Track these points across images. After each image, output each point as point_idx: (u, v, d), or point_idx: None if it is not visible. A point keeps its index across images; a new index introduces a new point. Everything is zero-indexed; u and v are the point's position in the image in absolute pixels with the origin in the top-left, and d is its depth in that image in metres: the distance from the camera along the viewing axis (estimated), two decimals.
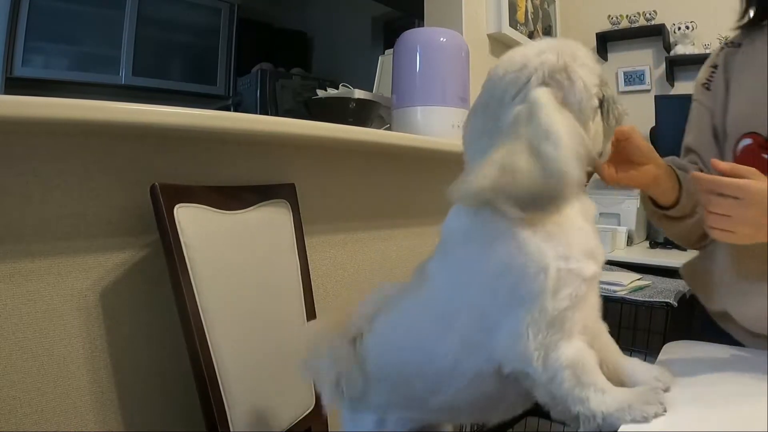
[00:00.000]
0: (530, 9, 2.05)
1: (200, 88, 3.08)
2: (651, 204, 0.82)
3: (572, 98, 0.55)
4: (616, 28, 2.34)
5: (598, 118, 0.58)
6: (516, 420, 1.79)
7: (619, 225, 1.94)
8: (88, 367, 0.84)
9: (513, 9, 1.92)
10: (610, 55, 2.43)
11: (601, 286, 1.38)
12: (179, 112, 0.81)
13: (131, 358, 0.89)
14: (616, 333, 1.73)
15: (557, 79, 0.55)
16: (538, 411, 0.58)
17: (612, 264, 1.67)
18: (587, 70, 0.56)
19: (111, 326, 0.87)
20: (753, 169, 0.64)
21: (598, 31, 2.37)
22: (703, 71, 0.91)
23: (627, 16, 2.31)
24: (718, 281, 0.83)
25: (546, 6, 2.20)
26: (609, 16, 2.36)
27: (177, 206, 0.83)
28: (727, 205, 0.62)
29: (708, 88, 0.88)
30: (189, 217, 0.84)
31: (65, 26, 2.56)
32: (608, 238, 1.77)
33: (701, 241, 0.87)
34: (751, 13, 0.84)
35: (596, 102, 0.57)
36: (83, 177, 0.83)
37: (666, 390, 0.58)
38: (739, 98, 0.82)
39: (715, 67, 0.88)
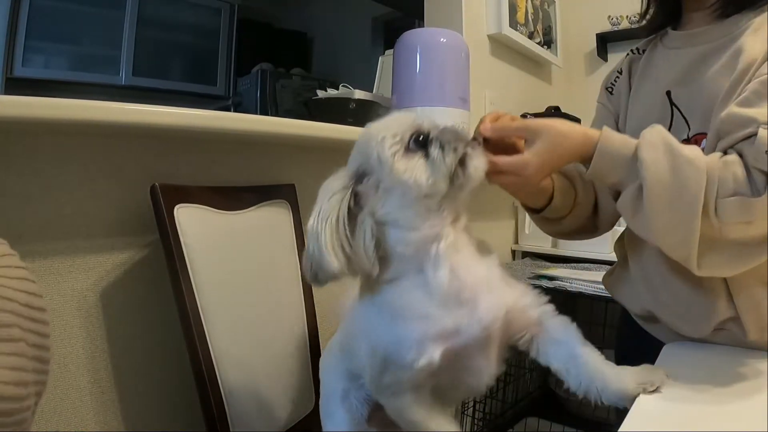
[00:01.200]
0: (530, 10, 2.05)
1: (200, 89, 3.08)
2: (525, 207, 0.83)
3: (371, 158, 0.62)
4: (616, 28, 2.34)
5: (417, 157, 0.60)
6: (516, 420, 1.79)
7: (618, 225, 1.94)
8: (88, 367, 0.84)
9: (513, 10, 1.92)
10: (610, 56, 2.43)
11: (601, 286, 1.38)
12: (179, 112, 0.81)
13: (131, 358, 0.89)
14: (616, 333, 1.71)
15: (358, 153, 0.64)
16: (538, 411, 0.59)
17: (610, 264, 1.66)
18: (384, 124, 0.63)
19: (111, 326, 0.87)
20: (531, 127, 0.66)
21: (598, 31, 2.37)
22: (609, 75, 0.91)
23: (627, 16, 2.31)
24: (636, 287, 0.82)
25: (546, 7, 2.20)
26: (609, 16, 2.36)
27: (177, 206, 0.83)
28: (508, 179, 0.66)
29: (611, 92, 0.88)
30: (189, 217, 0.84)
31: (65, 26, 2.57)
32: (608, 238, 1.77)
33: (574, 234, 0.89)
34: (648, 15, 0.84)
35: (398, 147, 0.60)
36: (83, 177, 0.83)
37: (656, 390, 0.58)
38: (636, 106, 0.82)
39: (620, 72, 0.88)
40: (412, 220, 0.60)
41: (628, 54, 0.89)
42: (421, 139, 0.61)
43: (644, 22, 0.85)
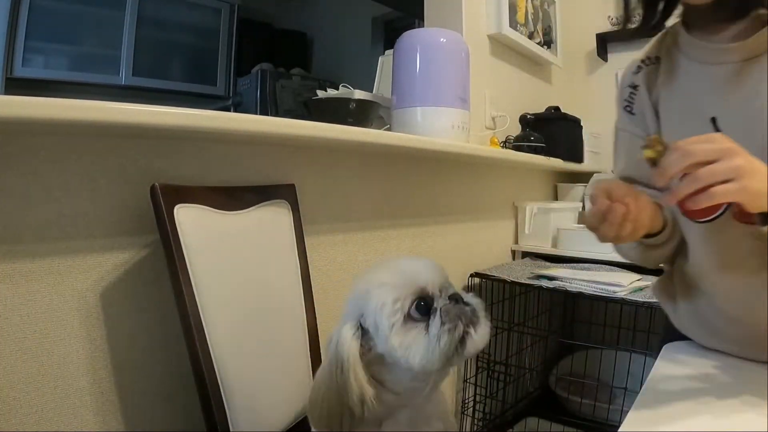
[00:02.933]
0: (530, 10, 2.05)
1: (200, 89, 3.08)
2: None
3: (370, 316, 0.61)
4: (616, 28, 2.34)
5: (417, 330, 0.60)
6: (516, 420, 1.79)
7: None
8: (88, 367, 0.84)
9: (513, 10, 1.92)
10: (610, 56, 2.43)
11: (601, 286, 1.38)
12: (179, 112, 0.81)
13: (131, 358, 0.89)
14: (616, 333, 1.71)
15: (359, 304, 0.64)
16: (538, 411, 0.59)
17: (612, 264, 1.67)
18: (385, 289, 0.61)
19: (111, 326, 0.87)
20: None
21: (598, 31, 2.38)
22: (621, 93, 0.81)
23: None
24: (692, 327, 0.78)
25: (546, 7, 2.20)
26: (609, 16, 2.36)
27: (177, 206, 0.83)
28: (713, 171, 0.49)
29: (631, 112, 0.79)
30: (189, 217, 0.84)
31: (65, 26, 2.56)
32: None
33: (665, 260, 0.80)
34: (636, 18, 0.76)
35: (398, 316, 0.60)
36: (83, 177, 0.83)
37: None
38: (671, 130, 0.74)
39: (634, 87, 0.79)
40: (395, 384, 0.63)
41: (639, 66, 0.79)
42: (423, 304, 0.61)
43: (635, 23, 0.77)
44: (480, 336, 0.62)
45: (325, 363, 0.64)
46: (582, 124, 2.11)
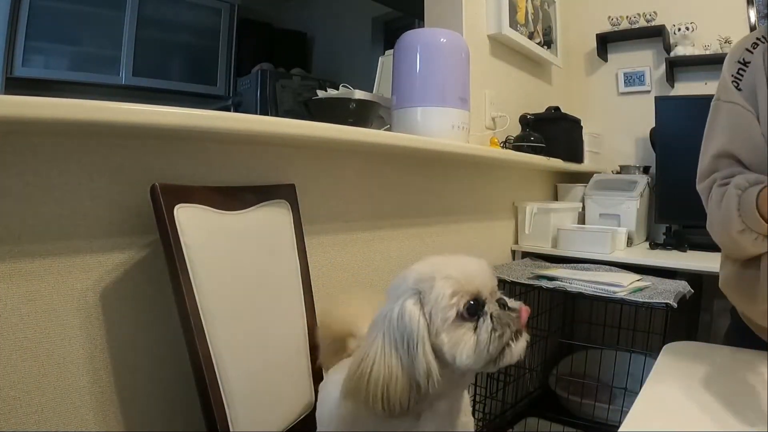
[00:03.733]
0: (530, 10, 2.05)
1: (200, 89, 3.09)
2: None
3: (428, 304, 0.62)
4: (616, 29, 2.34)
5: (466, 329, 0.62)
6: (516, 420, 1.79)
7: (618, 226, 1.94)
8: (88, 367, 0.84)
9: (513, 10, 1.92)
10: (610, 56, 2.43)
11: (601, 287, 1.38)
12: (179, 112, 0.81)
13: (131, 358, 0.89)
14: (616, 334, 1.71)
15: (421, 287, 0.64)
16: (538, 411, 0.60)
17: (612, 265, 1.67)
18: (448, 283, 0.62)
19: (111, 326, 0.87)
20: None
21: (598, 32, 2.38)
22: (729, 67, 0.81)
23: (627, 17, 2.31)
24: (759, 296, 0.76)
25: (546, 7, 2.20)
26: (609, 17, 2.36)
27: (177, 206, 0.83)
28: None
29: (738, 87, 0.79)
30: (189, 217, 0.84)
31: (65, 26, 2.57)
32: (608, 238, 1.77)
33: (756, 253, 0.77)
34: None
35: (452, 312, 0.61)
36: (83, 177, 0.83)
37: None
38: None
39: (745, 64, 0.79)
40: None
41: (755, 43, 0.79)
42: (473, 305, 0.63)
43: None
44: (518, 349, 0.64)
45: (380, 340, 0.62)
46: (582, 124, 2.11)
